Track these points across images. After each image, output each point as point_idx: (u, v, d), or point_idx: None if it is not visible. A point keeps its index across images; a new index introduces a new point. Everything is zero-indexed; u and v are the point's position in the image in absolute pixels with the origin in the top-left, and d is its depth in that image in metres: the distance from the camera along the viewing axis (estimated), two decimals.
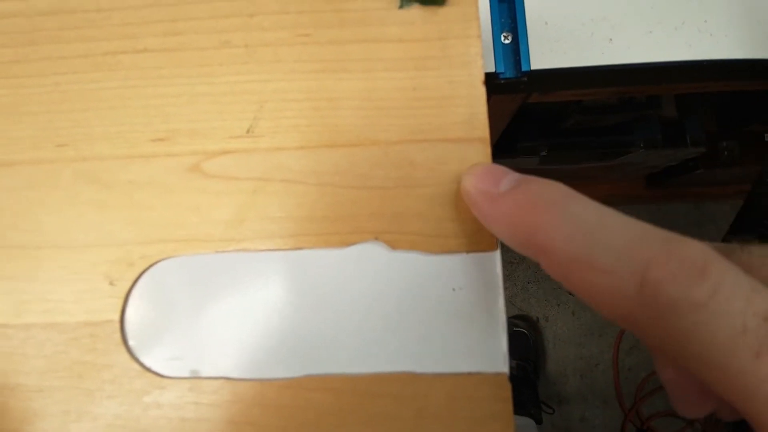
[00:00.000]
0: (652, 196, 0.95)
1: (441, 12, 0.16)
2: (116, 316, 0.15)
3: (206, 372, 0.15)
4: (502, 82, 0.30)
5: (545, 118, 0.67)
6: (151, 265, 0.15)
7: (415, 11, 0.16)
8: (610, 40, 0.29)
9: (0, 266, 0.15)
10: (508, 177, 0.13)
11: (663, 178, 0.89)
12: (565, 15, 0.29)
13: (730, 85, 0.39)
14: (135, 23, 0.16)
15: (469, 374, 0.14)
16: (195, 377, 0.15)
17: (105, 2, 0.16)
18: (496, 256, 0.15)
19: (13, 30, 0.17)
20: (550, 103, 0.52)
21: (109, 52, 0.16)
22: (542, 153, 0.69)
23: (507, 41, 0.30)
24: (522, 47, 0.29)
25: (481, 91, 0.16)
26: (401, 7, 0.16)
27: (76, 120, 0.16)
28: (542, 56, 0.30)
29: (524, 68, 0.29)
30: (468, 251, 0.15)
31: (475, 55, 0.16)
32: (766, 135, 0.63)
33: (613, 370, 0.89)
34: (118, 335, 0.15)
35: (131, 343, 0.15)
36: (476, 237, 0.15)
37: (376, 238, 0.15)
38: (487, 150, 0.15)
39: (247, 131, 0.16)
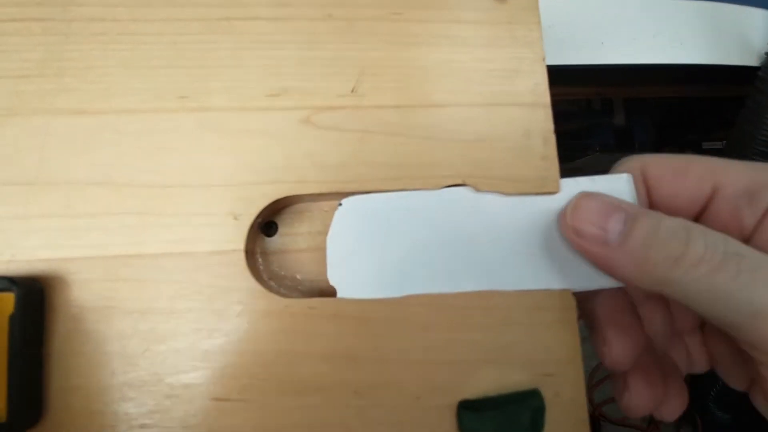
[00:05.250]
0: None
1: (509, 1, 0.20)
2: (241, 246, 0.17)
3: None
4: None
5: None
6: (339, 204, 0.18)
7: (488, 1, 0.20)
8: (602, 43, 0.35)
9: (128, 202, 0.17)
10: (615, 216, 0.15)
11: None
12: (569, 21, 0.34)
13: (691, 90, 0.46)
14: None
15: (543, 290, 0.18)
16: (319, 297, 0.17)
17: None
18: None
19: None
20: None
21: (223, 18, 0.19)
22: None
23: None
24: None
25: (543, 67, 0.19)
26: None
27: (195, 75, 0.18)
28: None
29: None
30: (536, 193, 0.18)
31: (536, 38, 0.19)
32: (703, 144, 0.72)
33: None
34: (243, 262, 0.17)
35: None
36: (540, 182, 0.18)
37: (464, 182, 0.18)
38: (549, 113, 0.19)
39: (352, 91, 0.18)
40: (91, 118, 0.18)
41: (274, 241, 0.19)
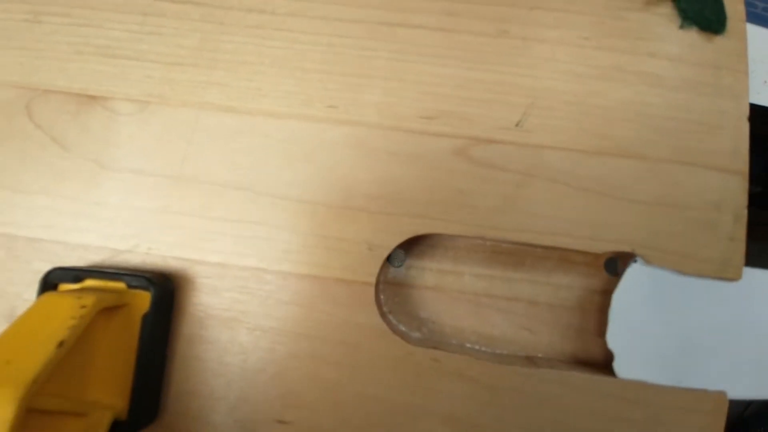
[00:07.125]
0: None
1: (716, 41, 0.16)
2: (372, 279, 0.16)
3: None
4: None
5: None
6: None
7: (693, 34, 0.16)
8: (765, 82, 0.29)
9: (265, 213, 0.16)
10: None
11: None
12: None
13: None
14: None
15: (694, 390, 0.15)
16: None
17: None
18: None
19: None
20: None
21: (384, 23, 0.17)
22: None
23: None
24: None
25: (746, 126, 0.16)
26: (681, 27, 0.16)
27: (348, 84, 0.17)
28: None
29: None
30: (713, 277, 0.16)
31: (742, 90, 0.16)
32: None
33: None
34: (371, 297, 0.16)
35: None
36: (720, 266, 0.16)
37: (633, 251, 0.16)
38: (746, 184, 0.16)
39: (517, 124, 0.16)
40: (239, 117, 0.17)
41: (400, 272, 0.18)
